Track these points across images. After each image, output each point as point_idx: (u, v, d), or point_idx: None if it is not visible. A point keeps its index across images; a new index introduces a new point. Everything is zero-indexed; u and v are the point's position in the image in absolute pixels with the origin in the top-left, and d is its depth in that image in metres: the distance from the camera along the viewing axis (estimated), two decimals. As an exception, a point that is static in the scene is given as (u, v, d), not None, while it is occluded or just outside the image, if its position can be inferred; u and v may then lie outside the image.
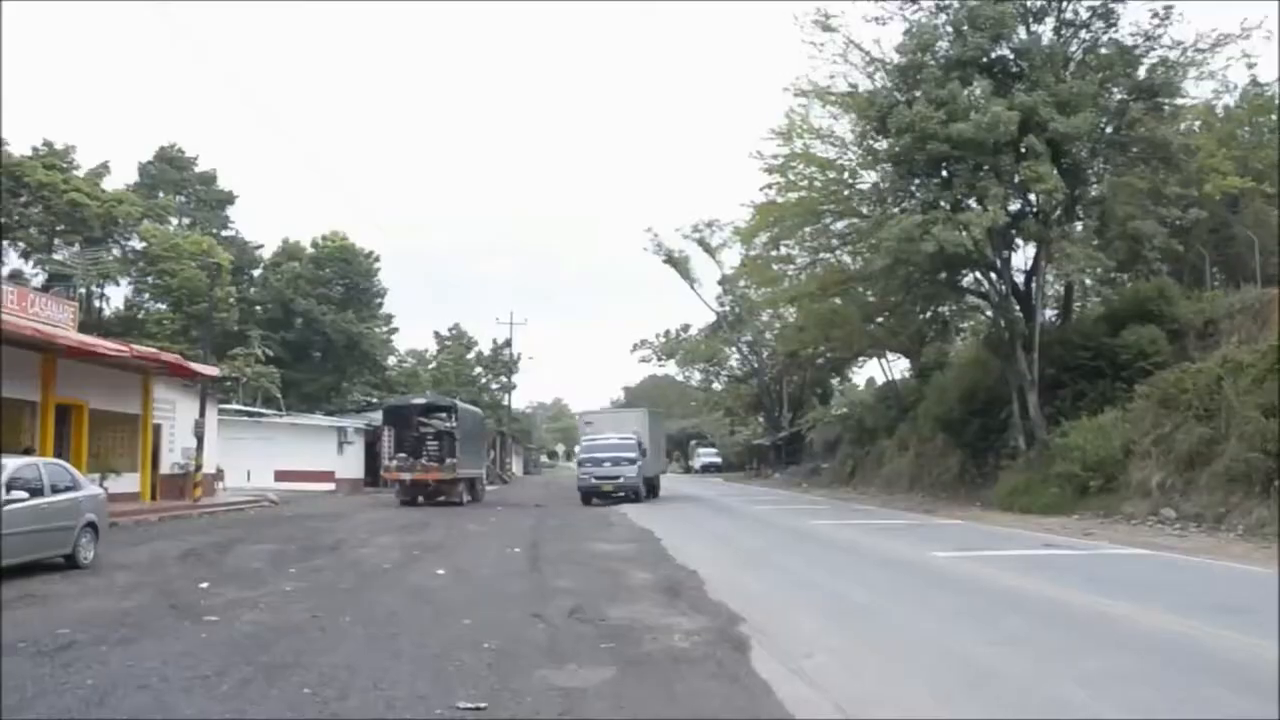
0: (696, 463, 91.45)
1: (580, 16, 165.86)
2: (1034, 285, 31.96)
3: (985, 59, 29.32)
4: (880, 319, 42.74)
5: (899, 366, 54.10)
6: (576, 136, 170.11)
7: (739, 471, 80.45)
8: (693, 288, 65.47)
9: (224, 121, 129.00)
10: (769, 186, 35.34)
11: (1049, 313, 34.76)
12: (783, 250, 38.37)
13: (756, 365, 70.53)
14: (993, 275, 32.07)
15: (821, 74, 32.28)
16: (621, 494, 35.93)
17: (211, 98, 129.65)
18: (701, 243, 61.37)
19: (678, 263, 63.46)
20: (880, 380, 59.10)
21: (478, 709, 6.93)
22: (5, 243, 56.70)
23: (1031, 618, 10.83)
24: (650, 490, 39.67)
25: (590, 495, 36.12)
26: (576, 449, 40.57)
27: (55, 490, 14.72)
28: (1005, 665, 8.47)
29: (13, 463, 14.46)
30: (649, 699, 7.33)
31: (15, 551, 13.41)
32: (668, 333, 78.36)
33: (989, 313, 35.40)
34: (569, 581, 14.05)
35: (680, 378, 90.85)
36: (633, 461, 35.94)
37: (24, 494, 13.74)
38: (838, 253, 37.50)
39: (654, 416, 46.45)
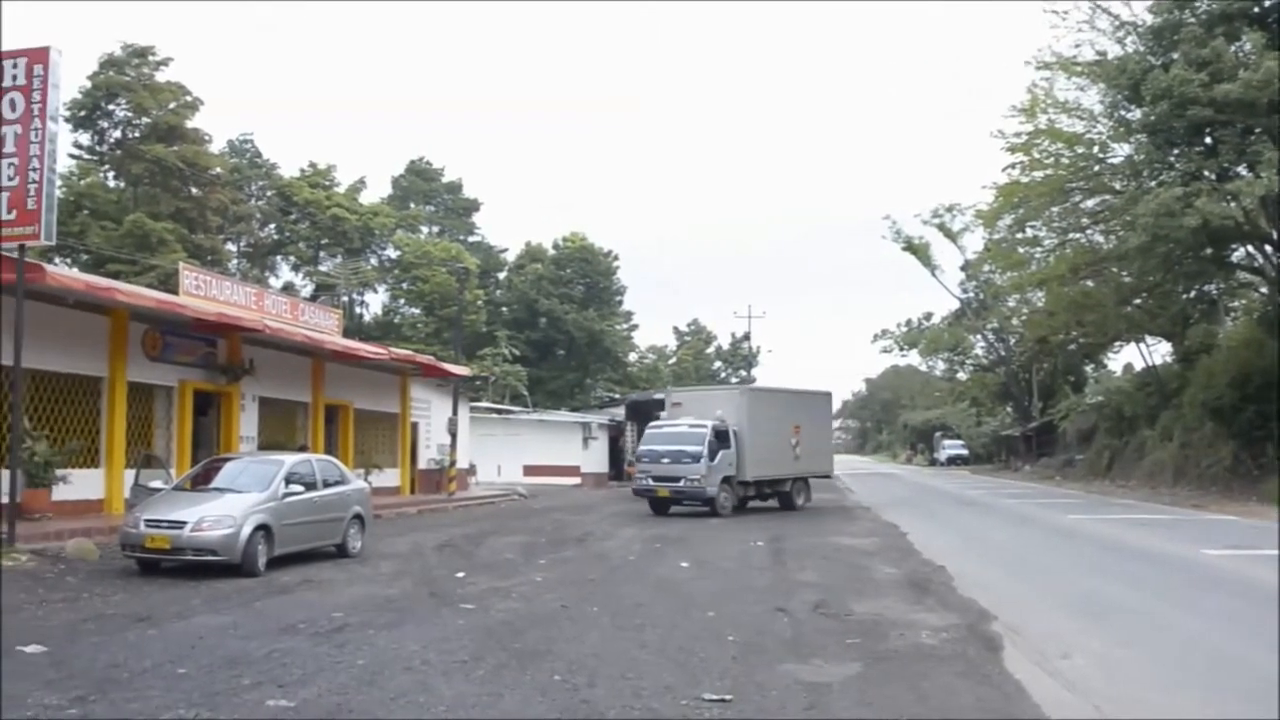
0: (942, 455, 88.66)
1: (811, 4, 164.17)
2: (1317, 258, 29.31)
3: (1257, 9, 27.04)
4: (1137, 301, 40.39)
5: (1159, 351, 50.74)
6: (811, 125, 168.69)
7: (986, 464, 77.52)
8: (934, 275, 63.34)
9: (468, 131, 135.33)
10: (1012, 166, 34.29)
11: (1336, 287, 31.72)
12: (1028, 232, 37.03)
13: (1003, 353, 67.71)
14: (1267, 248, 29.68)
15: (1066, 44, 31.12)
16: (683, 502, 26.55)
17: (456, 109, 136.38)
18: (942, 228, 59.34)
19: (918, 250, 61.56)
20: (1139, 366, 55.62)
21: (723, 701, 6.95)
22: (278, 257, 61.83)
23: (1321, 622, 9.92)
24: (783, 501, 28.96)
25: (658, 503, 26.66)
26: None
27: (326, 485, 15.76)
28: (1291, 673, 7.77)
29: (290, 459, 15.73)
30: (896, 697, 7.18)
31: (294, 540, 14.58)
32: (909, 322, 76.25)
33: (1264, 289, 32.71)
34: (812, 575, 13.97)
35: (923, 368, 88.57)
36: (697, 458, 25.89)
37: (300, 488, 14.88)
38: (1088, 232, 35.88)
39: (786, 398, 31.47)
